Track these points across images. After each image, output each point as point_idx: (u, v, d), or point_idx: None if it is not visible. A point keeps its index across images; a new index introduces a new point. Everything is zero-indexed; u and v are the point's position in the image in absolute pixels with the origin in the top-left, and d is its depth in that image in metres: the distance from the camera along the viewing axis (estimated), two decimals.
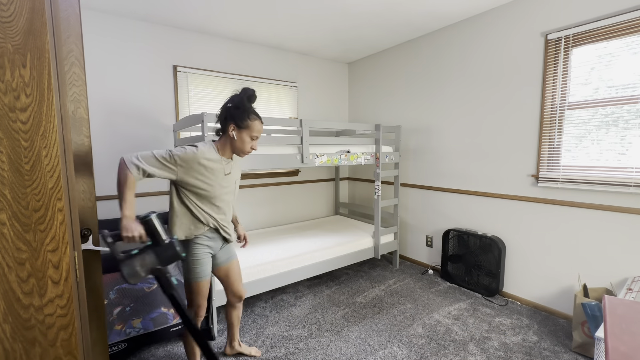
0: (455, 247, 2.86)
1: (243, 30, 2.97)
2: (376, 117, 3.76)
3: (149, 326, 1.90)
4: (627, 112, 1.96)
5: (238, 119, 1.45)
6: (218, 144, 1.52)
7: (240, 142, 1.49)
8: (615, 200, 2.03)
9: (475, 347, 1.98)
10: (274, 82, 3.49)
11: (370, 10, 2.56)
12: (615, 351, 0.77)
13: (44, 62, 0.62)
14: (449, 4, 2.50)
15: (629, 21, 1.91)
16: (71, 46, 1.02)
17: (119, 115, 2.68)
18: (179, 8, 2.51)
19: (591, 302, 1.86)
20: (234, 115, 1.46)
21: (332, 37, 3.15)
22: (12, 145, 0.60)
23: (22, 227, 0.62)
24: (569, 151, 2.22)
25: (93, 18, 2.52)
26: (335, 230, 3.28)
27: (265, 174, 3.50)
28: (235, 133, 1.47)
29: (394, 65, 3.47)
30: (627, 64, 1.95)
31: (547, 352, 1.93)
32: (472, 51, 2.74)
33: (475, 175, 2.79)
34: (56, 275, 0.66)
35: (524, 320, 2.28)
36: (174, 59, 2.90)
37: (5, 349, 0.62)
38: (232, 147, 1.51)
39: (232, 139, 1.48)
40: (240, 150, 1.50)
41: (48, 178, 0.64)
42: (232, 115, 1.46)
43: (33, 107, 0.62)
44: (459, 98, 2.87)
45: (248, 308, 2.48)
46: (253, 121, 1.48)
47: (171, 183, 1.48)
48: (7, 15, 0.58)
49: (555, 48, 2.23)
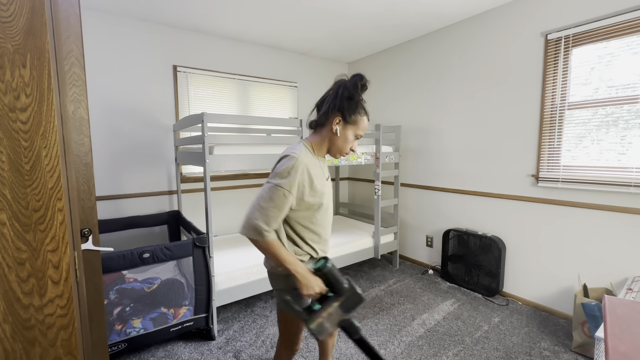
0: (455, 247, 2.86)
1: (243, 30, 2.97)
2: (376, 117, 3.76)
3: (149, 326, 1.90)
4: (627, 112, 1.96)
5: (347, 111, 1.18)
6: (312, 141, 1.24)
7: (342, 140, 1.21)
8: (615, 200, 2.03)
9: (475, 347, 1.98)
10: (274, 82, 3.49)
11: (370, 10, 2.56)
12: (615, 351, 0.77)
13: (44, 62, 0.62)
14: (449, 4, 2.50)
15: (629, 21, 1.91)
16: (71, 46, 1.02)
17: (119, 115, 2.68)
18: (179, 8, 2.51)
19: (591, 302, 1.86)
20: (344, 105, 1.17)
21: (332, 37, 3.15)
22: (12, 145, 0.60)
23: (22, 227, 0.62)
24: (569, 151, 2.22)
25: (93, 18, 2.52)
26: (335, 230, 3.28)
27: (265, 174, 3.50)
28: (339, 128, 1.19)
29: (394, 65, 3.47)
30: (627, 64, 1.95)
31: (547, 352, 1.93)
32: (472, 51, 2.74)
33: (475, 175, 2.79)
34: (56, 275, 0.65)
35: (523, 320, 2.28)
36: (174, 59, 2.90)
37: (5, 349, 0.62)
38: (330, 145, 1.23)
39: (333, 134, 1.20)
40: (340, 150, 1.23)
41: (48, 178, 0.64)
42: (341, 105, 1.18)
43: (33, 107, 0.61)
44: (459, 98, 2.87)
45: (248, 308, 2.48)
46: (362, 117, 1.21)
47: None
48: (7, 16, 0.58)
49: (555, 48, 2.23)
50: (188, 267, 2.06)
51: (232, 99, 3.23)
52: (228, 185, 3.28)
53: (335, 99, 1.19)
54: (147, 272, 2.08)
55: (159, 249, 1.88)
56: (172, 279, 2.03)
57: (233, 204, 3.33)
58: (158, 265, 2.01)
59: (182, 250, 1.96)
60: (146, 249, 1.84)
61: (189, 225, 2.39)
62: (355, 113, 1.19)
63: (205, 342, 2.06)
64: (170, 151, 2.94)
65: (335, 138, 1.21)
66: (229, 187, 3.28)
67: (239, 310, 2.44)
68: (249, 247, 2.71)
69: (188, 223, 2.43)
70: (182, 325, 2.00)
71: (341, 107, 1.18)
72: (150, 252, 1.86)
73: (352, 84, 1.17)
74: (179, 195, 2.89)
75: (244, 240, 2.96)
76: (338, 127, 1.19)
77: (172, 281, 2.02)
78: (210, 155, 2.04)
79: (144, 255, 1.84)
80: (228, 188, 3.27)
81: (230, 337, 2.12)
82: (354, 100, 1.18)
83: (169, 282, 2.01)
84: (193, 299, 2.03)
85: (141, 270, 2.05)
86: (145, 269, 2.05)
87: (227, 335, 2.13)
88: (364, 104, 1.22)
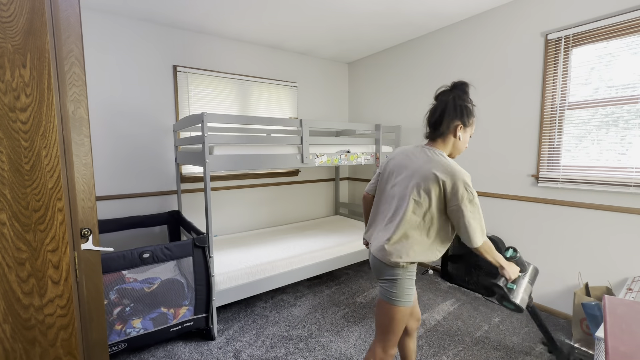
0: (455, 247, 2.86)
1: (243, 30, 2.97)
2: (376, 117, 3.75)
3: (149, 326, 1.90)
4: (627, 112, 1.96)
5: (466, 116, 1.28)
6: (443, 148, 1.32)
7: (463, 143, 1.33)
8: (615, 200, 2.03)
9: (475, 347, 1.98)
10: (274, 82, 3.49)
11: (370, 10, 2.56)
12: (615, 351, 0.77)
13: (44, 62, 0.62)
14: (449, 4, 2.50)
15: (629, 21, 1.91)
16: (71, 46, 1.02)
17: (119, 115, 2.68)
18: (179, 8, 2.51)
19: (591, 302, 1.86)
20: (462, 113, 1.28)
21: (332, 36, 3.15)
22: (12, 145, 0.60)
23: (22, 227, 0.62)
24: (569, 151, 2.22)
25: (93, 18, 2.52)
26: (335, 230, 3.28)
27: (265, 174, 3.50)
28: (461, 134, 1.29)
29: (394, 65, 3.47)
30: (627, 64, 1.95)
31: (547, 352, 1.93)
32: (472, 51, 2.74)
33: (475, 175, 2.79)
34: (56, 275, 0.65)
35: (523, 320, 2.28)
36: (174, 59, 2.90)
37: (5, 349, 0.62)
38: (454, 150, 1.33)
39: (456, 139, 1.30)
40: (460, 151, 1.35)
41: (48, 178, 0.64)
42: (460, 113, 1.28)
43: (33, 107, 0.61)
44: None
45: (248, 308, 2.48)
46: (474, 118, 1.33)
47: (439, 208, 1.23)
48: (7, 16, 0.58)
49: (555, 48, 2.23)
50: (188, 267, 2.06)
51: (232, 99, 3.23)
52: (228, 185, 3.28)
53: (455, 109, 1.28)
54: (147, 272, 2.08)
55: (159, 249, 1.88)
56: (172, 279, 2.03)
57: (233, 204, 3.33)
58: (158, 265, 2.01)
59: (182, 250, 1.96)
60: (146, 249, 1.84)
61: (189, 225, 2.39)
62: (471, 116, 1.31)
63: (205, 342, 2.06)
64: (170, 151, 2.94)
65: (459, 142, 1.32)
66: (229, 187, 3.28)
67: (239, 310, 2.44)
68: (249, 247, 2.71)
69: (188, 223, 2.43)
70: (182, 325, 2.00)
71: (461, 114, 1.28)
72: (150, 252, 1.86)
73: (463, 92, 1.31)
74: (179, 195, 2.89)
75: (244, 240, 2.96)
76: (460, 133, 1.30)
77: (172, 281, 2.02)
78: (210, 155, 2.04)
79: (144, 255, 1.84)
80: (228, 188, 3.27)
81: (230, 337, 2.12)
82: (469, 106, 1.30)
83: (169, 282, 2.01)
84: (193, 299, 2.03)
85: (141, 270, 2.05)
86: (145, 269, 2.05)
87: (227, 335, 2.13)
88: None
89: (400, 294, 1.25)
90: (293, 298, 2.64)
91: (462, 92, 1.30)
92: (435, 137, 1.32)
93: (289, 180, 3.72)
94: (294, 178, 3.77)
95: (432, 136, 1.34)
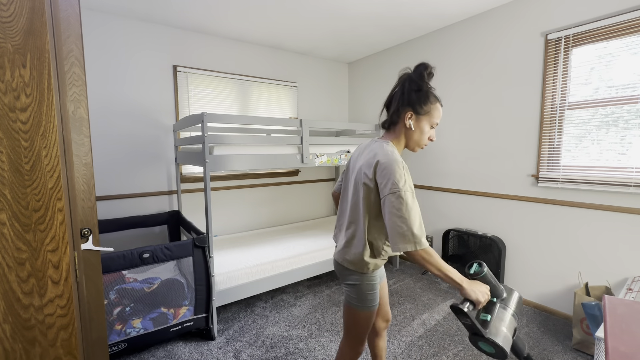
0: (456, 247, 2.86)
1: (243, 30, 2.97)
2: (376, 117, 3.75)
3: (149, 326, 1.90)
4: (627, 112, 1.96)
5: (417, 103, 1.14)
6: (393, 139, 1.20)
7: (418, 134, 1.17)
8: (615, 200, 2.03)
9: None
10: (274, 82, 3.49)
11: (370, 10, 2.56)
12: (615, 351, 0.77)
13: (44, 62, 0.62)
14: (449, 4, 2.50)
15: (629, 21, 1.91)
16: (71, 46, 1.02)
17: (119, 116, 2.68)
18: (179, 8, 2.51)
19: (591, 302, 1.86)
20: (412, 99, 1.14)
21: (332, 37, 3.15)
22: (12, 145, 0.60)
23: (22, 227, 0.62)
24: (569, 151, 2.22)
25: (93, 18, 2.52)
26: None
27: (265, 174, 3.50)
28: (412, 122, 1.15)
29: (394, 65, 3.46)
30: (627, 64, 1.95)
31: (547, 352, 1.93)
32: (472, 51, 2.74)
33: (475, 175, 2.79)
34: (56, 275, 0.65)
35: (524, 320, 2.28)
36: (174, 59, 2.90)
37: (5, 349, 0.62)
38: (408, 140, 1.20)
39: (408, 129, 1.17)
40: (417, 143, 1.19)
41: (48, 178, 0.64)
42: (409, 99, 1.15)
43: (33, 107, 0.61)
44: (459, 98, 2.87)
45: (248, 308, 2.48)
46: (435, 104, 1.16)
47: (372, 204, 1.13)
48: (7, 15, 0.58)
49: (555, 48, 2.23)
50: (188, 267, 2.06)
51: (232, 99, 3.23)
52: (228, 185, 3.28)
53: (403, 94, 1.16)
54: (147, 272, 2.08)
55: (159, 249, 1.88)
56: (172, 279, 2.03)
57: (233, 204, 3.33)
58: (158, 265, 2.01)
59: (182, 250, 1.96)
60: (146, 249, 1.84)
61: (189, 225, 2.39)
62: (427, 103, 1.15)
63: (205, 342, 2.06)
64: (170, 151, 2.94)
65: (411, 132, 1.17)
66: (229, 187, 3.28)
67: (239, 310, 2.44)
68: (249, 247, 2.71)
69: (188, 223, 2.43)
70: (182, 325, 2.00)
71: (410, 100, 1.14)
72: (150, 252, 1.86)
73: (417, 75, 1.14)
74: (179, 195, 2.89)
75: (244, 240, 2.96)
76: (411, 122, 1.15)
77: (172, 281, 2.02)
78: (210, 155, 2.04)
79: (144, 255, 1.84)
80: (228, 188, 3.27)
81: (230, 337, 2.12)
82: (423, 91, 1.15)
83: (169, 282, 2.01)
84: (193, 299, 2.03)
85: (141, 270, 2.05)
86: (145, 269, 2.05)
87: (227, 335, 2.13)
88: (434, 91, 1.18)
89: (361, 299, 1.19)
90: (293, 298, 2.64)
91: (417, 75, 1.14)
92: (388, 126, 1.22)
93: (289, 180, 3.72)
94: (294, 178, 3.77)
95: (385, 125, 1.23)
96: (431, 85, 1.17)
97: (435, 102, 1.17)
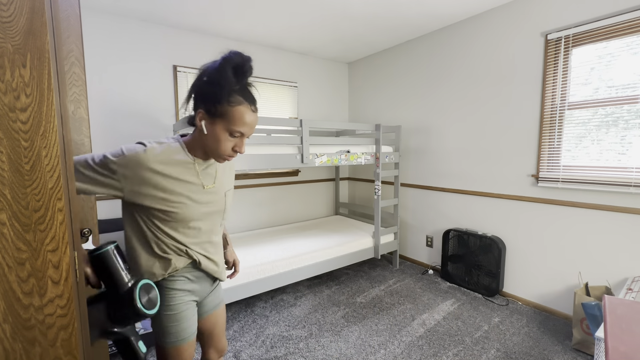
0: (455, 247, 2.86)
1: (243, 31, 2.97)
2: (376, 117, 3.75)
3: (149, 326, 1.89)
4: (627, 112, 1.96)
5: (210, 101, 0.88)
6: (188, 140, 0.98)
7: (212, 140, 0.91)
8: (615, 200, 2.03)
9: (475, 347, 1.98)
10: (274, 82, 3.49)
11: (370, 11, 2.56)
12: (615, 351, 0.77)
13: (44, 62, 0.62)
14: (449, 4, 2.50)
15: (629, 21, 1.91)
16: (71, 46, 1.02)
17: (119, 115, 2.68)
18: (179, 8, 2.51)
19: (591, 302, 1.86)
20: (206, 95, 0.89)
21: (332, 37, 3.15)
22: (12, 145, 0.60)
23: (22, 227, 0.62)
24: (569, 151, 2.22)
25: (93, 18, 2.52)
26: (335, 230, 3.28)
27: (265, 174, 3.50)
28: (205, 124, 0.91)
29: (394, 65, 3.46)
30: (627, 64, 1.95)
31: (547, 352, 1.93)
32: (472, 51, 2.74)
33: (475, 175, 2.79)
34: (56, 275, 0.65)
35: (524, 320, 2.28)
36: (174, 59, 2.90)
37: (5, 349, 0.62)
38: (203, 146, 0.95)
39: (201, 133, 0.93)
40: (213, 151, 0.94)
41: (48, 178, 0.64)
42: (202, 95, 0.90)
43: (33, 107, 0.61)
44: (459, 98, 2.87)
45: (248, 308, 2.48)
46: (234, 106, 0.88)
47: (123, 204, 0.97)
48: (7, 16, 0.58)
49: (555, 48, 2.23)
50: None
51: None
52: None
53: (193, 87, 0.92)
54: None
55: None
56: None
57: (233, 204, 3.33)
58: None
59: None
60: None
61: None
62: (222, 102, 0.87)
63: None
64: None
65: (204, 137, 0.92)
66: None
67: (239, 310, 2.44)
68: (249, 247, 2.71)
69: None
70: None
71: (203, 96, 0.90)
72: None
73: (217, 66, 0.87)
74: None
75: (244, 240, 2.96)
76: (203, 123, 0.91)
77: None
78: None
79: None
80: None
81: (230, 337, 2.12)
82: (218, 85, 0.87)
83: None
84: None
85: None
86: None
87: (227, 335, 2.13)
88: (242, 89, 0.91)
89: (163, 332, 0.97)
90: (293, 298, 2.64)
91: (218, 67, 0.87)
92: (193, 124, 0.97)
93: (289, 180, 3.72)
94: (294, 178, 3.77)
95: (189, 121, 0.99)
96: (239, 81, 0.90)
97: (236, 104, 0.89)
